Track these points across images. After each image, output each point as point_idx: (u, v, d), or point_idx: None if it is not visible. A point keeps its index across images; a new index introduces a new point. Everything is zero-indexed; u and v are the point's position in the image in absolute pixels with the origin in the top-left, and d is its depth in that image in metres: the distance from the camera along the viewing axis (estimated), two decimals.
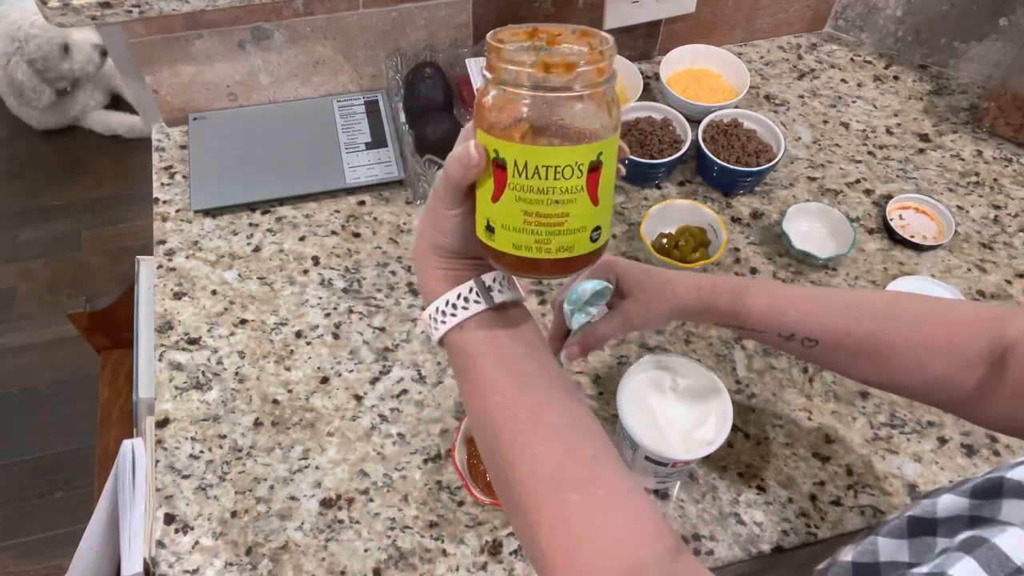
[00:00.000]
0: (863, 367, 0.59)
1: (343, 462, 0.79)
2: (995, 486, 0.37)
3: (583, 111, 0.42)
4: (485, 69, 0.43)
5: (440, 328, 0.48)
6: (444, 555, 0.73)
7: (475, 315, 0.48)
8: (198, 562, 0.72)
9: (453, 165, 0.44)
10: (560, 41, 0.44)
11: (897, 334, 0.57)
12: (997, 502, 0.36)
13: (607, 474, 0.44)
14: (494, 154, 0.42)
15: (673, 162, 1.00)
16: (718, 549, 0.74)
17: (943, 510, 0.39)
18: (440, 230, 0.48)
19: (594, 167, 0.42)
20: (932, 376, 0.56)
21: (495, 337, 0.48)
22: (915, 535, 0.40)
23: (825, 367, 0.64)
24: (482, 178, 0.44)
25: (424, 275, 0.50)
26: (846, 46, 1.24)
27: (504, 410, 0.46)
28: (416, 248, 0.51)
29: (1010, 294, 0.94)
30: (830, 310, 0.60)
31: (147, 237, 0.95)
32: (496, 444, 0.46)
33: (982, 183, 1.06)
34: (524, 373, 0.48)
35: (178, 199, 0.99)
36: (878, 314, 0.58)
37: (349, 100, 1.07)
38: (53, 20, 0.84)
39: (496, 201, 0.43)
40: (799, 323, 0.60)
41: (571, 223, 0.43)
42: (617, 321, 0.63)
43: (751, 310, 0.61)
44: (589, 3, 1.07)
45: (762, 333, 0.61)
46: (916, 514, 0.40)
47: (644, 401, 0.70)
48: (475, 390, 0.48)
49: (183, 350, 0.86)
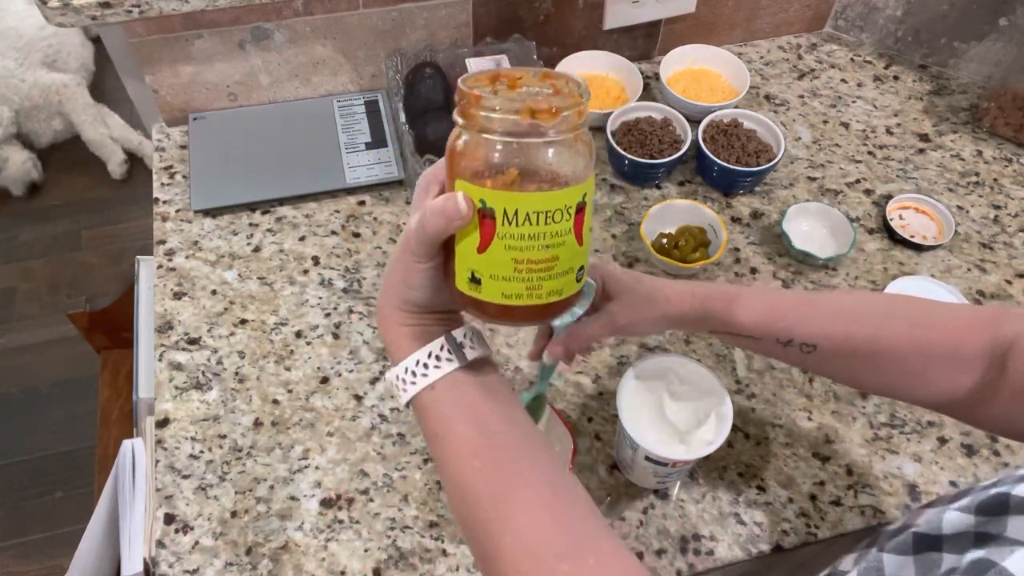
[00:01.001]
0: (861, 372, 0.59)
1: (343, 462, 0.79)
2: (1001, 503, 0.37)
3: (570, 154, 0.42)
4: (459, 116, 0.42)
5: (410, 389, 0.46)
6: (444, 555, 0.73)
7: (447, 374, 0.46)
8: (198, 562, 0.72)
9: (434, 218, 0.42)
10: (521, 84, 0.43)
11: (895, 337, 0.56)
12: (1003, 519, 0.36)
13: (595, 539, 0.42)
14: (480, 204, 0.41)
15: (673, 162, 1.00)
16: (718, 549, 0.74)
17: (948, 527, 0.39)
18: (409, 284, 0.46)
19: (580, 208, 0.42)
20: (930, 379, 0.55)
21: (469, 398, 0.46)
22: (920, 551, 0.40)
23: (822, 374, 0.64)
24: (465, 229, 0.42)
25: (389, 332, 0.48)
26: (846, 46, 1.24)
27: (484, 477, 0.44)
28: (380, 304, 0.48)
29: (1010, 294, 0.94)
30: (827, 314, 0.59)
31: (147, 237, 0.95)
32: (476, 514, 0.44)
33: (982, 183, 1.06)
34: (503, 436, 0.46)
35: (178, 199, 0.99)
36: (875, 317, 0.58)
37: (349, 100, 1.07)
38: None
39: (483, 251, 0.42)
40: (796, 328, 0.59)
41: (560, 266, 0.43)
42: (602, 322, 0.61)
43: (747, 316, 0.60)
44: (589, 3, 1.07)
45: (759, 340, 0.60)
46: (921, 531, 0.40)
47: (644, 401, 0.70)
48: (451, 456, 0.46)
49: (183, 350, 0.86)
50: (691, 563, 0.73)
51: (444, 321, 0.48)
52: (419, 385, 0.46)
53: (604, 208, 1.00)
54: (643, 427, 0.68)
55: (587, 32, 1.11)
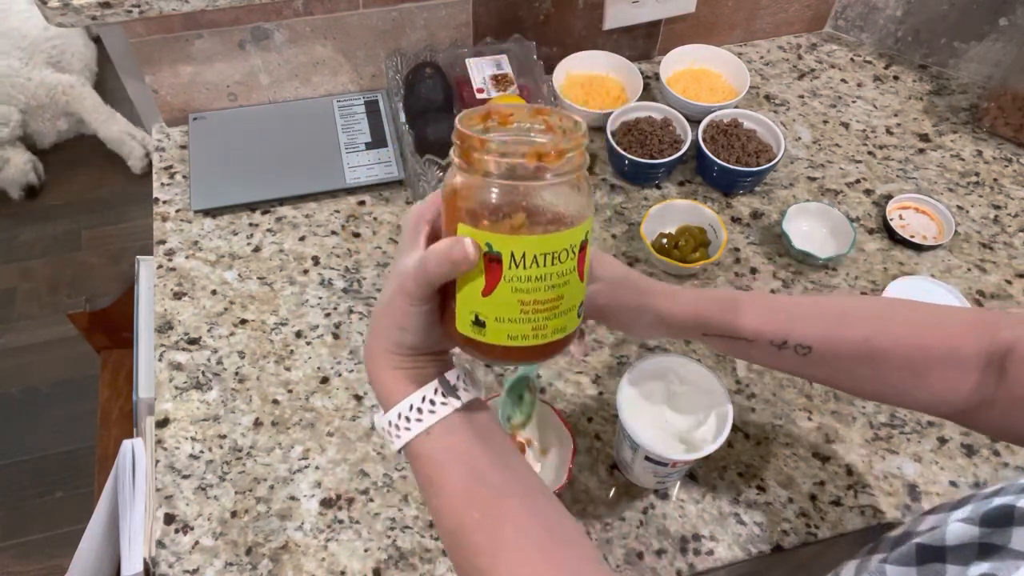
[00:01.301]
0: (857, 375, 0.58)
1: (343, 462, 0.79)
2: (1006, 514, 0.37)
3: (574, 193, 0.42)
4: (460, 159, 0.41)
5: (404, 436, 0.45)
6: (444, 555, 0.73)
7: (442, 419, 0.45)
8: (198, 562, 0.72)
9: (438, 263, 0.41)
10: (512, 121, 0.43)
11: (892, 339, 0.56)
12: (1008, 530, 0.36)
13: None
14: (486, 248, 0.41)
15: (673, 162, 1.00)
16: (718, 549, 0.74)
17: (952, 538, 0.39)
18: (404, 327, 0.44)
19: (583, 246, 0.43)
20: (928, 382, 0.55)
21: (464, 444, 0.45)
22: (924, 563, 0.40)
23: (817, 380, 0.62)
24: (469, 272, 0.42)
25: (380, 375, 0.46)
26: (846, 46, 1.24)
27: (482, 529, 0.43)
28: (370, 348, 0.47)
29: (1010, 294, 0.94)
30: (823, 315, 0.59)
31: (147, 237, 0.95)
32: (477, 563, 0.43)
33: (982, 183, 1.06)
34: (500, 486, 0.45)
35: (178, 199, 0.99)
36: (872, 320, 0.57)
37: (349, 100, 1.07)
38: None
39: (489, 295, 0.42)
40: (792, 329, 0.58)
41: (564, 304, 0.43)
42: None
43: (742, 318, 0.59)
44: (589, 3, 1.07)
45: (752, 343, 0.59)
46: (924, 541, 0.40)
47: (644, 401, 0.70)
48: (448, 505, 0.45)
49: (183, 350, 0.86)
50: (691, 563, 0.73)
51: (436, 362, 0.47)
52: (413, 431, 0.45)
53: (604, 208, 1.00)
54: (643, 427, 0.68)
55: (587, 32, 1.11)
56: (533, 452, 0.77)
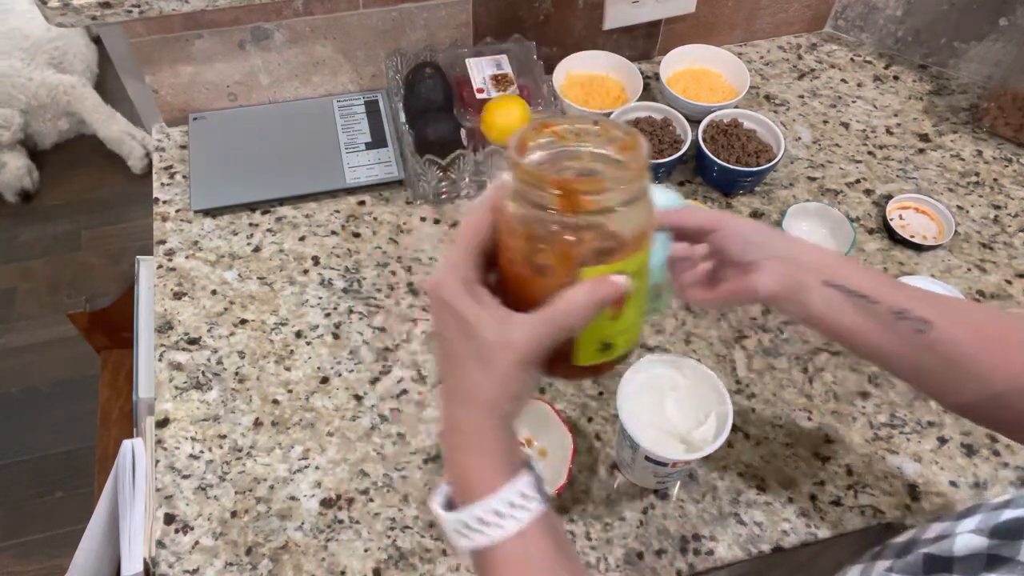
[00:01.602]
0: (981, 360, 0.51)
1: (343, 462, 0.79)
2: (1017, 527, 0.37)
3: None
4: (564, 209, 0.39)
5: (492, 534, 0.38)
6: (444, 555, 0.73)
7: (537, 517, 0.39)
8: (198, 562, 0.72)
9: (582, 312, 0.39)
10: (583, 134, 0.44)
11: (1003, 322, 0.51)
12: (1018, 543, 0.36)
13: None
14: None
15: (673, 162, 1.00)
16: (718, 549, 0.74)
17: (960, 549, 0.39)
18: (520, 395, 0.40)
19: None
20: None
21: (553, 547, 0.40)
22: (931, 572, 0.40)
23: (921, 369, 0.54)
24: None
25: (470, 456, 0.40)
26: (846, 46, 1.24)
27: None
28: (462, 426, 0.41)
29: (1010, 294, 0.94)
30: (944, 300, 0.53)
31: (147, 237, 0.95)
32: None
33: (982, 183, 1.06)
34: None
35: (178, 199, 0.99)
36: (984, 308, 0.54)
37: (349, 100, 1.07)
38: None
39: (618, 317, 0.43)
40: (912, 300, 0.52)
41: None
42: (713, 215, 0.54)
43: (864, 278, 0.53)
44: (589, 3, 1.07)
45: (874, 304, 0.52)
46: (931, 552, 0.40)
47: (644, 401, 0.70)
48: None
49: (183, 350, 0.86)
50: (691, 563, 0.73)
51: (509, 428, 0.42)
52: (506, 530, 0.38)
53: None
54: (643, 427, 0.68)
55: (587, 32, 1.11)
56: (533, 452, 0.77)
